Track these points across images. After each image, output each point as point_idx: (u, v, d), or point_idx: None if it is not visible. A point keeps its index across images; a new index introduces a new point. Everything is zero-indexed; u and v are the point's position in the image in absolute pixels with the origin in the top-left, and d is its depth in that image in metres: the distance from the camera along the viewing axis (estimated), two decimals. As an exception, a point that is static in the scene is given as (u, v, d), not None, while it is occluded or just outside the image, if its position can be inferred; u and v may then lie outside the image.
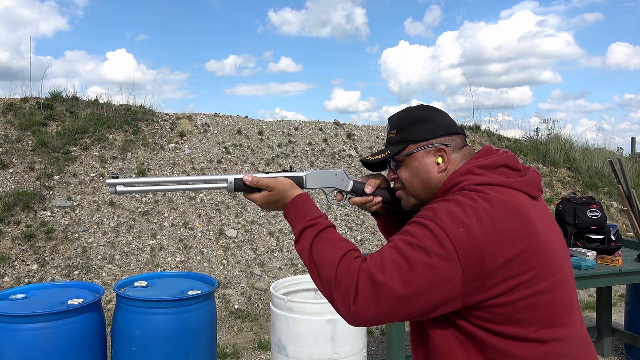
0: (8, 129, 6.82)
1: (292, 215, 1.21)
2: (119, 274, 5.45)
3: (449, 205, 1.06)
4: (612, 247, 3.34)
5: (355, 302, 1.02)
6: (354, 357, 2.82)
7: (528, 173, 1.15)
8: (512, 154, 1.20)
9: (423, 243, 1.01)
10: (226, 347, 4.36)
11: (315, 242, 1.13)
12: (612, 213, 8.71)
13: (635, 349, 4.02)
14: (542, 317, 1.04)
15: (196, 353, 2.72)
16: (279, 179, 1.25)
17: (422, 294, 1.00)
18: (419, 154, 1.20)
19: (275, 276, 5.85)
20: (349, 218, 7.11)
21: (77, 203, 6.15)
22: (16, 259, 5.35)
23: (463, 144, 1.23)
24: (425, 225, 1.04)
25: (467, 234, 1.00)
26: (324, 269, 1.08)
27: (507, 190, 1.08)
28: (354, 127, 9.32)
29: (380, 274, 1.01)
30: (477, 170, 1.13)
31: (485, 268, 1.00)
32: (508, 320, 1.03)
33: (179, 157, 7.30)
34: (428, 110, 1.24)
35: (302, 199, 1.23)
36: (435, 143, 1.19)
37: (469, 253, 0.99)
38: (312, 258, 1.11)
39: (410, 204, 1.26)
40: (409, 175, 1.22)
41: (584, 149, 10.57)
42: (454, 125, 1.23)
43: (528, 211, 1.07)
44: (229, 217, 6.59)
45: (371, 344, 4.39)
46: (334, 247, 1.10)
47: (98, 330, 2.63)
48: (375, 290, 1.01)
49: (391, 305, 1.01)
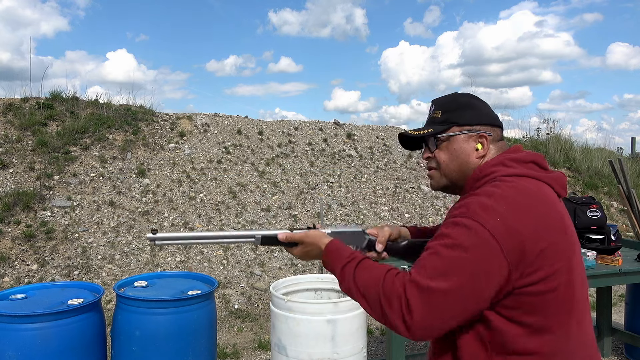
0: (8, 129, 6.81)
1: (330, 261, 1.24)
2: (119, 274, 5.45)
3: (480, 198, 1.08)
4: (612, 247, 3.34)
5: (410, 314, 1.02)
6: (354, 357, 2.82)
7: (555, 172, 1.20)
8: (541, 154, 1.23)
9: (461, 241, 1.03)
10: (226, 347, 4.36)
11: (356, 274, 1.14)
12: (612, 213, 8.71)
13: (635, 349, 4.02)
14: (561, 310, 1.07)
15: (196, 353, 2.72)
16: (309, 233, 1.32)
17: (472, 290, 1.01)
18: (461, 137, 1.22)
19: (275, 276, 5.85)
20: (349, 218, 7.11)
21: (77, 203, 6.15)
22: (16, 259, 5.35)
23: (501, 138, 1.26)
24: (461, 223, 1.05)
25: (504, 223, 1.02)
26: (370, 292, 1.09)
27: (536, 182, 1.13)
28: (353, 127, 9.32)
29: (427, 281, 1.02)
30: (509, 162, 1.16)
31: (525, 254, 1.02)
32: (534, 309, 1.05)
33: (179, 157, 7.30)
34: (475, 98, 1.28)
35: (334, 245, 1.26)
36: (478, 129, 1.22)
37: (509, 241, 1.01)
38: (358, 287, 1.13)
39: (442, 184, 1.28)
40: (447, 157, 1.24)
41: (584, 149, 10.57)
42: (497, 118, 1.27)
43: (556, 203, 1.12)
44: (229, 217, 6.59)
45: (371, 344, 4.38)
46: (375, 269, 1.12)
47: (98, 330, 2.63)
48: (426, 298, 1.01)
49: (444, 307, 1.01)
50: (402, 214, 7.51)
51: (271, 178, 7.47)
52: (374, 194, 7.76)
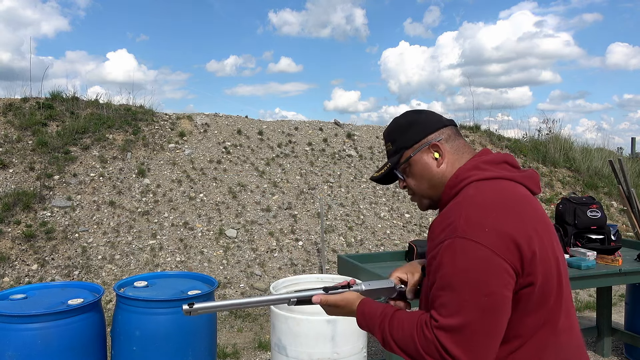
0: (8, 129, 6.82)
1: (367, 325, 1.25)
2: (119, 274, 5.45)
3: (462, 213, 1.08)
4: (612, 247, 3.34)
5: (450, 357, 1.01)
6: (354, 357, 2.82)
7: (527, 170, 1.22)
8: (511, 154, 1.25)
9: (463, 266, 1.03)
10: (226, 347, 4.36)
11: (393, 333, 1.14)
12: (612, 213, 8.71)
13: (635, 349, 4.02)
14: (549, 302, 1.09)
15: (196, 353, 2.72)
16: (345, 296, 1.31)
17: (495, 306, 1.02)
18: (416, 156, 1.25)
19: (275, 276, 5.85)
20: (349, 218, 7.11)
21: (77, 203, 6.15)
22: (16, 259, 5.35)
23: (453, 134, 1.27)
24: (452, 246, 1.05)
25: (494, 231, 1.04)
26: (410, 350, 1.09)
27: (512, 184, 1.15)
28: (353, 127, 9.32)
29: (450, 320, 1.02)
30: (483, 165, 1.18)
31: (522, 251, 1.04)
32: (526, 306, 1.08)
33: (179, 157, 7.30)
34: (412, 114, 1.30)
35: (363, 307, 1.26)
36: (426, 141, 1.24)
37: (504, 246, 1.03)
38: (399, 346, 1.13)
39: (425, 205, 1.30)
40: (415, 181, 1.27)
41: (584, 149, 10.57)
42: (440, 119, 1.28)
43: (532, 201, 1.15)
44: (229, 217, 6.59)
45: (371, 344, 4.38)
46: (406, 327, 1.12)
47: (98, 330, 2.63)
48: (458, 337, 1.01)
49: (480, 337, 1.02)
50: (402, 214, 7.51)
51: (271, 178, 7.48)
52: (374, 194, 7.76)
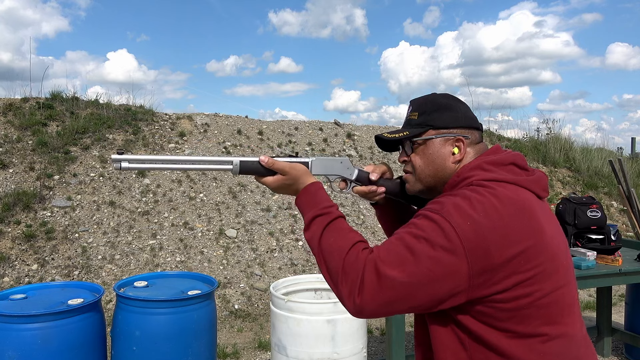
0: (8, 129, 6.81)
1: (304, 202, 1.20)
2: (119, 274, 5.45)
3: (456, 199, 1.05)
4: (612, 247, 3.34)
5: (360, 294, 1.01)
6: (354, 357, 2.82)
7: (535, 173, 1.16)
8: (521, 154, 1.19)
9: (429, 235, 1.01)
10: (226, 347, 4.36)
11: (325, 232, 1.12)
12: (612, 213, 8.71)
13: (635, 349, 4.02)
14: (543, 315, 1.04)
15: (196, 353, 2.72)
16: (295, 165, 1.24)
17: (426, 286, 1.00)
18: (437, 140, 1.19)
19: (275, 276, 5.85)
20: (349, 218, 7.10)
21: (77, 203, 6.15)
22: (16, 259, 5.35)
23: (479, 140, 1.22)
24: (432, 218, 1.03)
25: (474, 228, 1.00)
26: (332, 259, 1.07)
27: (515, 188, 1.09)
28: (353, 127, 9.32)
29: (385, 266, 1.01)
30: (487, 166, 1.13)
31: (490, 262, 0.99)
32: (510, 316, 1.03)
33: (179, 157, 7.30)
34: (453, 99, 1.23)
35: (315, 187, 1.23)
36: (455, 133, 1.19)
37: (475, 247, 0.99)
38: (321, 247, 1.11)
39: (416, 189, 1.25)
40: (422, 161, 1.21)
41: (584, 149, 10.56)
42: (475, 120, 1.23)
43: (535, 209, 1.07)
44: (229, 217, 6.59)
45: (371, 344, 4.38)
46: (344, 237, 1.10)
47: (98, 330, 2.63)
48: (379, 281, 1.00)
49: (394, 297, 1.00)
50: (402, 214, 7.51)
51: (271, 178, 7.47)
52: (374, 194, 7.76)
